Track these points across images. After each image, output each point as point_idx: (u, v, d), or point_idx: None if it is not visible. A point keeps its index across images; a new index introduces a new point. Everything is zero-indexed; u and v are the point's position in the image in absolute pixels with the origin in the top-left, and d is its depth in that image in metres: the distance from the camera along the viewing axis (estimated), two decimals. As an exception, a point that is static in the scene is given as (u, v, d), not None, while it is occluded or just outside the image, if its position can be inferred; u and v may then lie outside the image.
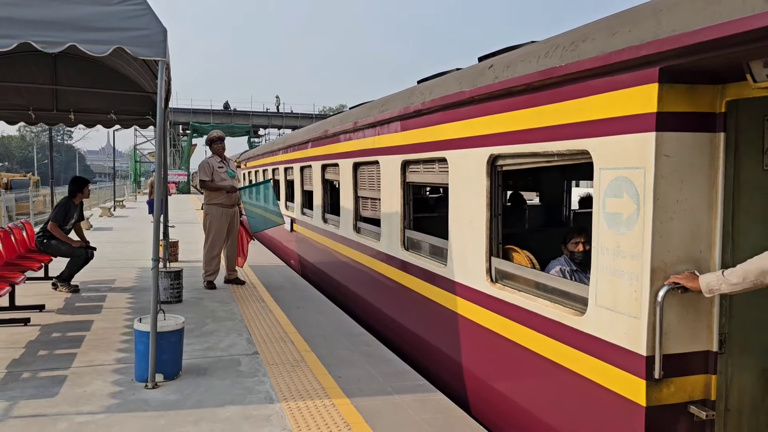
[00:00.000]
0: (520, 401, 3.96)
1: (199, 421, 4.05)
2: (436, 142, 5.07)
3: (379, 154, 6.43)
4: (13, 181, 35.23)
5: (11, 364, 5.15)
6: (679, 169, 2.88)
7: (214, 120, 57.08)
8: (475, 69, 4.65)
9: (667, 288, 2.85)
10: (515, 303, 3.96)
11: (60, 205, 8.15)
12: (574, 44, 3.36)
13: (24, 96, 8.86)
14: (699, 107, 2.90)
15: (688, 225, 2.93)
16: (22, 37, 4.10)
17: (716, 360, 2.98)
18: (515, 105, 3.93)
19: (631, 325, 2.98)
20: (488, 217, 4.30)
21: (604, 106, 3.15)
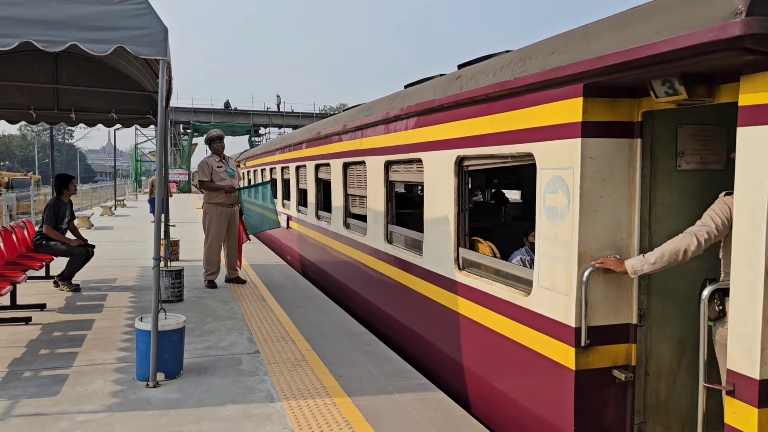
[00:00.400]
0: (479, 372, 4.57)
1: (201, 420, 4.05)
2: (413, 144, 5.61)
3: (365, 155, 6.91)
4: (14, 180, 35.20)
5: (13, 363, 5.16)
6: (601, 169, 3.42)
7: (214, 119, 57.09)
8: (446, 78, 5.18)
9: (591, 269, 3.39)
10: (477, 287, 4.52)
11: (49, 207, 8.11)
12: (522, 61, 3.91)
13: (25, 95, 8.86)
14: (619, 117, 3.44)
15: (611, 216, 3.46)
16: (23, 36, 4.10)
17: (636, 331, 3.52)
18: (477, 113, 4.47)
19: (564, 301, 3.53)
20: (456, 212, 4.86)
21: (543, 115, 3.71)
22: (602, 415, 3.54)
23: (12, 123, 9.73)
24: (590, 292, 3.43)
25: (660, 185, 3.49)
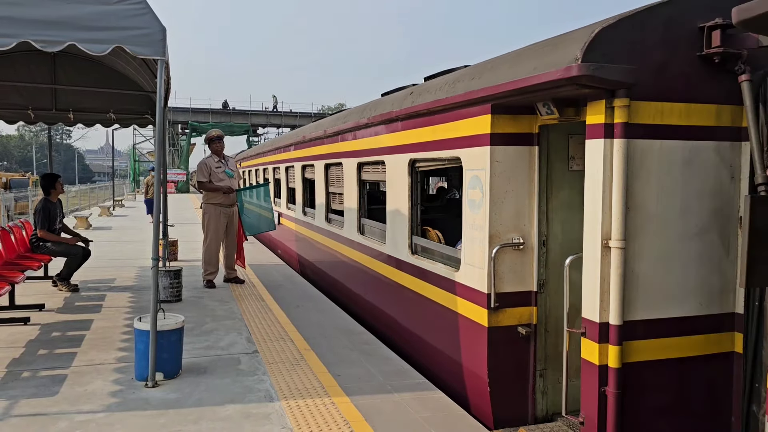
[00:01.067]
0: (422, 333, 5.57)
1: (200, 419, 4.06)
2: (378, 148, 6.51)
3: (342, 157, 7.83)
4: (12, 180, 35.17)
5: (11, 363, 5.16)
6: (507, 170, 4.34)
7: (213, 119, 57.04)
8: (404, 93, 6.13)
9: (498, 247, 4.30)
10: (424, 267, 5.48)
11: (39, 210, 8.00)
12: (454, 83, 4.85)
13: (23, 95, 8.85)
14: (520, 129, 4.35)
15: (514, 207, 4.37)
16: (21, 36, 4.11)
17: (537, 297, 4.41)
18: (423, 123, 5.42)
19: (479, 274, 4.46)
20: (410, 206, 5.76)
21: (466, 127, 4.64)
22: (510, 363, 4.43)
23: (10, 123, 9.72)
24: (498, 265, 4.33)
25: (554, 183, 4.41)
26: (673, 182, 3.66)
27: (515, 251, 4.35)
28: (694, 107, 3.66)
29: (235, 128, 52.93)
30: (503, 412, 4.41)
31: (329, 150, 8.48)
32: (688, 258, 3.71)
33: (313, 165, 9.49)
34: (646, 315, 3.66)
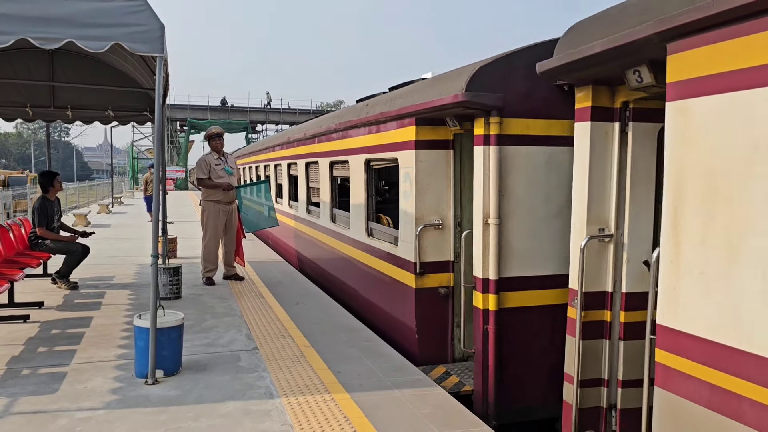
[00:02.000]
0: (374, 299, 7.02)
1: (200, 416, 4.06)
2: (344, 149, 7.87)
3: (318, 157, 9.30)
4: (11, 178, 35.11)
5: (11, 360, 5.16)
6: (428, 168, 5.68)
7: (211, 116, 56.93)
8: (362, 104, 7.67)
9: (422, 227, 5.66)
10: (375, 245, 6.87)
11: (36, 208, 7.99)
12: (394, 99, 6.25)
13: (21, 93, 8.83)
14: (438, 137, 5.69)
15: (435, 196, 5.71)
16: (19, 33, 4.09)
17: (453, 265, 5.75)
18: (373, 130, 6.76)
19: (409, 247, 5.82)
20: (366, 197, 7.14)
21: (400, 135, 6.00)
22: (432, 316, 5.81)
23: (8, 120, 9.69)
24: (422, 241, 5.72)
25: (465, 177, 5.71)
26: (537, 177, 4.91)
27: (436, 230, 5.78)
28: (552, 122, 4.89)
29: (234, 125, 52.84)
30: (427, 353, 5.85)
31: (308, 150, 9.90)
32: (550, 233, 4.95)
33: (296, 163, 10.97)
34: (516, 273, 4.93)
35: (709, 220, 2.71)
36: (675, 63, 2.88)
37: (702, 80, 2.72)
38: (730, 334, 2.61)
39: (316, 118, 11.08)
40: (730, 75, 2.58)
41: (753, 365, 2.49)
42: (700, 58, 2.72)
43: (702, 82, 2.72)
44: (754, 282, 2.49)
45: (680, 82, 2.86)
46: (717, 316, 2.67)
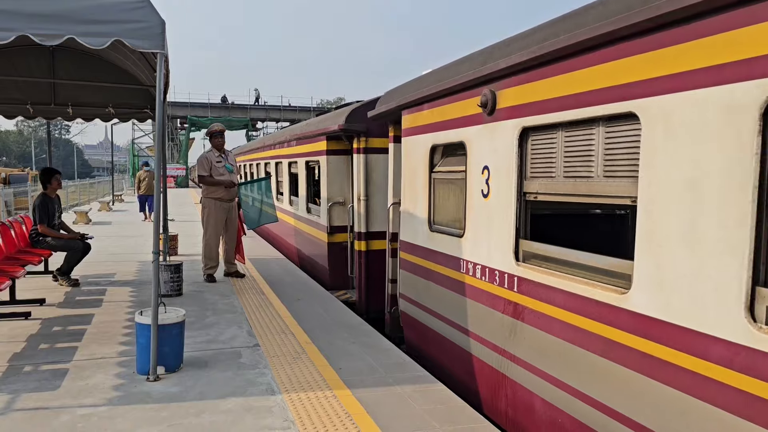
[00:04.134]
0: (309, 254, 10.45)
1: (201, 412, 4.06)
2: (295, 153, 11.46)
3: (282, 158, 12.94)
4: (12, 175, 35.10)
5: (13, 357, 5.17)
6: (334, 167, 9.16)
7: (212, 113, 56.88)
8: (306, 122, 12.12)
9: (330, 204, 9.11)
10: (311, 218, 10.11)
11: (37, 206, 7.98)
12: (317, 123, 10.04)
13: (22, 90, 8.82)
14: (342, 147, 8.95)
15: (338, 184, 9.17)
16: (20, 29, 4.09)
17: (350, 228, 8.69)
18: (306, 142, 10.26)
19: (324, 217, 9.26)
20: (306, 186, 10.73)
21: (319, 146, 9.46)
22: (338, 260, 9.10)
23: (9, 118, 9.69)
24: (331, 213, 9.11)
25: (372, 176, 8.36)
26: (385, 171, 7.82)
27: (340, 206, 9.20)
28: (386, 140, 7.69)
29: (234, 123, 52.79)
30: (335, 283, 9.22)
31: (276, 153, 13.46)
32: (387, 204, 7.48)
33: (269, 162, 14.59)
34: (374, 229, 8.38)
35: (411, 191, 6.20)
36: (405, 120, 6.34)
37: (411, 129, 6.15)
38: (417, 238, 6.07)
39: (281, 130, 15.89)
40: (416, 128, 6.04)
41: (437, 256, 5.62)
42: (408, 119, 6.24)
43: (412, 130, 6.15)
44: (415, 209, 6.09)
45: (405, 128, 6.33)
46: (412, 231, 6.20)
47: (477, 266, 4.82)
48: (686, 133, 2.81)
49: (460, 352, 5.12)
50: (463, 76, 4.87)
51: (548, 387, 3.87)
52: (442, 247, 5.47)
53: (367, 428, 3.86)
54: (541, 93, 3.94)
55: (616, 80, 3.24)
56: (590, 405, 3.49)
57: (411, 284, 6.25)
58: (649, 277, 3.03)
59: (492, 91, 4.51)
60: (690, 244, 2.79)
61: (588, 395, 3.50)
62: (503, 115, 4.42)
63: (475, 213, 4.83)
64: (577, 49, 3.50)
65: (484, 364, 4.71)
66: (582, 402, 3.55)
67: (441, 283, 5.50)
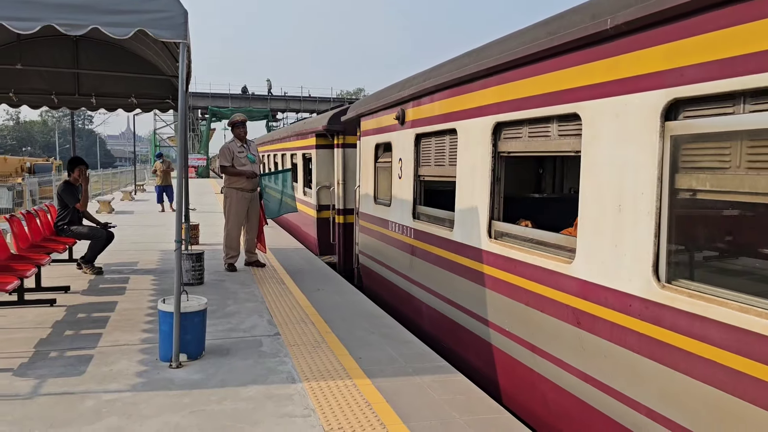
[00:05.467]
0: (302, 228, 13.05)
1: (223, 399, 4.11)
2: (292, 146, 14.20)
3: (285, 150, 15.54)
4: (36, 165, 35.67)
5: (39, 343, 5.26)
6: (323, 159, 11.40)
7: (232, 104, 57.23)
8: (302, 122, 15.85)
9: (319, 187, 11.40)
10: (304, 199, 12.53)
11: (61, 191, 8.15)
12: (310, 122, 13.08)
13: (46, 80, 8.94)
14: (327, 143, 11.20)
15: (327, 173, 11.31)
16: (45, 20, 4.13)
17: (334, 207, 11.00)
18: (299, 138, 13.22)
19: (314, 197, 11.58)
20: (304, 173, 13.26)
21: (311, 141, 11.86)
22: (325, 232, 11.20)
23: (34, 108, 9.82)
24: (319, 194, 11.37)
25: (349, 165, 10.63)
26: (354, 162, 9.89)
27: (326, 189, 11.20)
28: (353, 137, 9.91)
29: (255, 113, 53.05)
30: (322, 251, 11.20)
31: (282, 146, 16.03)
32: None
33: (276, 154, 17.21)
34: (349, 206, 10.56)
35: (365, 176, 8.53)
36: (362, 125, 8.58)
37: (365, 132, 8.35)
38: (368, 209, 8.31)
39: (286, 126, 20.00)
40: (367, 131, 8.30)
41: (378, 221, 7.92)
42: (363, 124, 8.49)
43: (366, 132, 8.35)
44: (367, 189, 8.42)
45: (362, 131, 8.59)
46: (366, 205, 8.50)
47: (395, 224, 7.22)
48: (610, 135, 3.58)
49: (388, 284, 7.64)
50: (389, 99, 7.14)
51: (432, 298, 6.14)
52: (380, 214, 7.82)
53: (387, 417, 3.87)
54: (425, 113, 6.23)
55: (448, 108, 5.66)
56: (447, 303, 5.79)
57: (365, 243, 8.71)
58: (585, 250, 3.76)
59: (402, 109, 6.81)
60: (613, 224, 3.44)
61: (462, 305, 5.47)
62: (407, 126, 6.71)
63: (395, 189, 7.14)
64: (439, 89, 5.81)
65: (399, 288, 7.20)
66: (444, 303, 5.86)
67: (379, 238, 7.95)
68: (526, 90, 4.26)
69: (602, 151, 3.54)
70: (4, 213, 15.90)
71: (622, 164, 3.37)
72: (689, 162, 3.02)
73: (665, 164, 3.09)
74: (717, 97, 2.79)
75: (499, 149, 4.75)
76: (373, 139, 8.02)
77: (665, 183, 3.10)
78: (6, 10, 4.08)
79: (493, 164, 4.78)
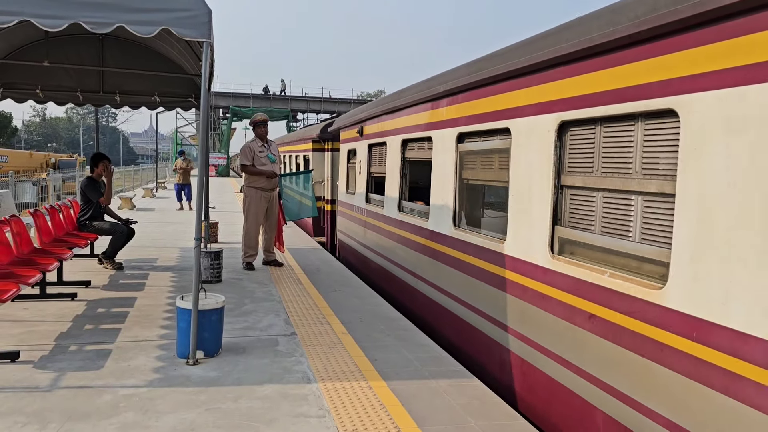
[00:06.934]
0: None
1: (239, 398, 4.12)
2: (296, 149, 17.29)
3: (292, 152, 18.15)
4: (61, 161, 36.25)
5: (59, 336, 5.33)
6: (317, 160, 14.37)
7: (253, 104, 57.61)
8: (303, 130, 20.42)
9: (314, 182, 11.76)
10: None
11: (85, 186, 8.25)
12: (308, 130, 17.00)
13: (72, 77, 9.07)
14: (321, 147, 14.30)
15: (320, 172, 14.05)
16: (72, 18, 4.18)
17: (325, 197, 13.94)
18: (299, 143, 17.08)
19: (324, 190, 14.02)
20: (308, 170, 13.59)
21: (306, 146, 15.35)
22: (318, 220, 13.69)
23: (60, 105, 9.97)
24: (314, 188, 11.26)
25: (335, 165, 13.21)
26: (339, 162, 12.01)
27: (319, 183, 13.56)
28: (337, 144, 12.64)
29: (275, 113, 53.39)
30: (316, 233, 13.93)
31: (289, 149, 18.48)
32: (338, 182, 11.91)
33: (287, 155, 18.93)
34: (335, 198, 12.67)
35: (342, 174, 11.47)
36: (341, 135, 11.71)
37: (343, 140, 11.47)
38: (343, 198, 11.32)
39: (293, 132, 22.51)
40: (344, 140, 11.39)
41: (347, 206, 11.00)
42: (342, 135, 11.61)
43: (343, 141, 11.47)
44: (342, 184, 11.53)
45: (341, 140, 11.72)
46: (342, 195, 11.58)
47: (357, 207, 9.95)
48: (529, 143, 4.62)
49: (354, 251, 10.38)
50: (355, 118, 10.13)
51: (376, 257, 8.76)
52: (349, 200, 10.70)
53: (402, 420, 3.85)
54: (373, 130, 8.93)
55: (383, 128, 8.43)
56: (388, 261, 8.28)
57: (340, 223, 11.55)
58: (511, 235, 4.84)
59: (361, 126, 9.57)
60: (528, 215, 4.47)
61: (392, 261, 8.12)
62: (364, 138, 9.46)
63: (358, 183, 9.90)
64: (377, 114, 8.68)
65: (359, 253, 9.96)
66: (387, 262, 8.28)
67: (348, 218, 10.75)
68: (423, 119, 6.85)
69: None
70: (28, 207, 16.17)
71: None
72: (468, 165, 5.76)
73: (458, 167, 5.87)
74: (471, 134, 5.64)
75: (405, 156, 7.62)
76: (346, 146, 11.13)
77: (457, 178, 5.89)
78: (35, 7, 4.15)
79: (402, 165, 7.67)
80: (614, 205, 3.64)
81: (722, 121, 2.80)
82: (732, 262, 2.72)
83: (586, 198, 3.92)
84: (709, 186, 2.87)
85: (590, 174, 3.87)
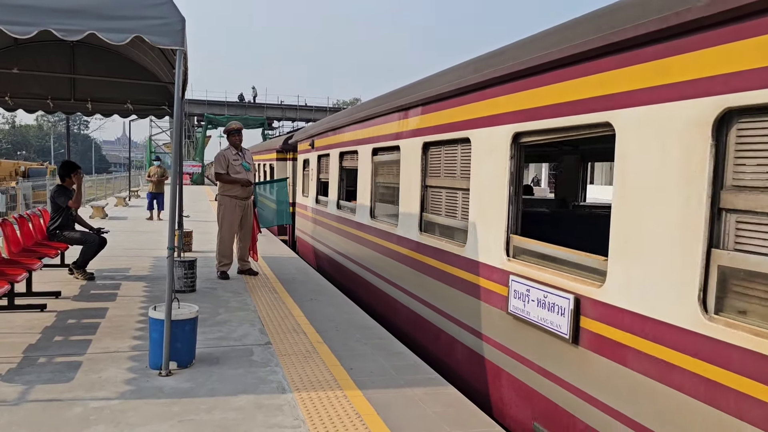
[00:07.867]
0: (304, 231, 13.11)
1: (213, 409, 4.07)
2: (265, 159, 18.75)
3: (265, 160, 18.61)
4: (31, 169, 35.57)
5: (28, 348, 5.21)
6: (281, 168, 16.11)
7: (228, 112, 57.22)
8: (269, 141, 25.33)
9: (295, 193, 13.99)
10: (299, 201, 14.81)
11: (55, 192, 8.11)
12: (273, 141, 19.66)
13: (42, 85, 8.92)
14: (285, 156, 16.08)
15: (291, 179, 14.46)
16: (42, 24, 4.12)
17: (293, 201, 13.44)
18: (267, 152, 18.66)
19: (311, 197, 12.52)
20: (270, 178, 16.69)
21: (271, 156, 17.10)
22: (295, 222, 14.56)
23: (29, 112, 9.80)
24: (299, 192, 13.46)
25: (298, 173, 13.99)
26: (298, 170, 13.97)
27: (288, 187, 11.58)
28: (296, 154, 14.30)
29: (251, 121, 53.14)
30: (280, 232, 15.35)
31: (258, 157, 19.17)
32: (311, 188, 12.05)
33: (259, 164, 19.44)
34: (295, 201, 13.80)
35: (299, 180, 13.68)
36: (298, 147, 13.93)
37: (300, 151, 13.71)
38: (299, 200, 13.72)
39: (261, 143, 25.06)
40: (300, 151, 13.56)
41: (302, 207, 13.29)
42: (299, 147, 13.75)
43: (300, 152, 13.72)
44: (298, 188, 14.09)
45: (298, 151, 13.97)
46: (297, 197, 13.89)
47: (309, 207, 11.89)
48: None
49: (307, 245, 12.11)
50: (308, 133, 12.21)
51: (324, 248, 10.58)
52: (304, 202, 12.56)
53: (378, 429, 3.84)
54: (323, 143, 10.72)
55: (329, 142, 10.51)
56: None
57: (298, 222, 13.48)
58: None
59: (313, 140, 11.45)
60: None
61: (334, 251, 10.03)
62: (316, 150, 11.28)
63: (310, 187, 11.72)
64: (326, 130, 10.64)
65: (311, 246, 11.72)
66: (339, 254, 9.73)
67: (303, 217, 12.70)
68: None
69: None
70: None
71: None
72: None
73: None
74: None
75: (342, 165, 9.51)
76: (302, 156, 13.27)
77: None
78: (3, 14, 4.08)
79: (339, 172, 9.63)
80: None
81: None
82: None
83: None
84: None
85: None
